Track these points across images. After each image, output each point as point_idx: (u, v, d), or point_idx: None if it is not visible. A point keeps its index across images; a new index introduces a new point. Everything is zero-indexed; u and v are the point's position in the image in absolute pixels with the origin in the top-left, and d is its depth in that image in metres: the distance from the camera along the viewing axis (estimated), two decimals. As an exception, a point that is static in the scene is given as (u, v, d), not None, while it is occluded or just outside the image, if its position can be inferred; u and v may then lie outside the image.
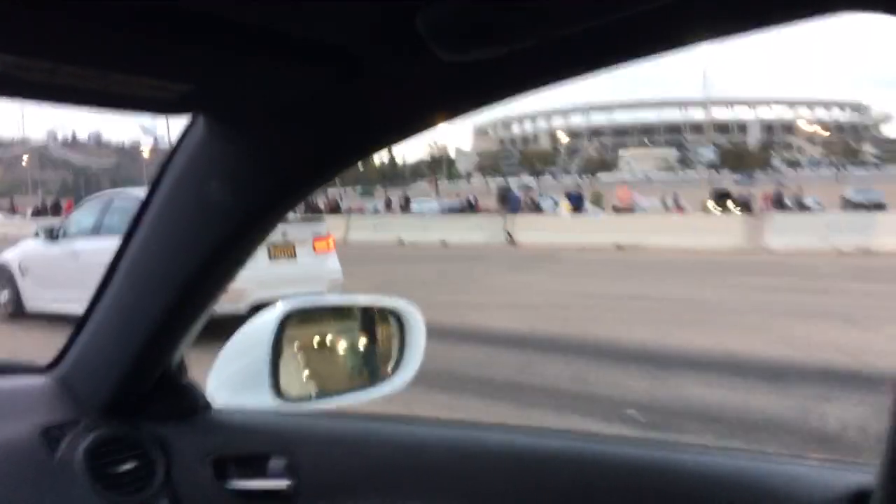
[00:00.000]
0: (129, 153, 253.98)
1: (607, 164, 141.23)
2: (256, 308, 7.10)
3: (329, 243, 9.51)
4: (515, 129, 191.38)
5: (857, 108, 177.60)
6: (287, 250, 8.96)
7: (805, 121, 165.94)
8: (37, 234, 10.32)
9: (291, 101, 0.92)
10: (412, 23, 0.68)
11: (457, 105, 0.91)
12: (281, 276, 8.58)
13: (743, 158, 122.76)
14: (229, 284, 1.21)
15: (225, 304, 5.93)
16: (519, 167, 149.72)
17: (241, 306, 7.92)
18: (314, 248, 9.26)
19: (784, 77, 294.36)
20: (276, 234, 8.67)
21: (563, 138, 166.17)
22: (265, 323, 1.36)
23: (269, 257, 8.75)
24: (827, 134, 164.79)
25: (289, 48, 0.77)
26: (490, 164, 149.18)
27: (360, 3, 0.71)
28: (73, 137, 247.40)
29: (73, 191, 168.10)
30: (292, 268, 8.95)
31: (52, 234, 9.95)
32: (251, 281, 8.26)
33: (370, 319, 1.52)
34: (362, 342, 1.52)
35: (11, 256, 10.57)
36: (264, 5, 0.69)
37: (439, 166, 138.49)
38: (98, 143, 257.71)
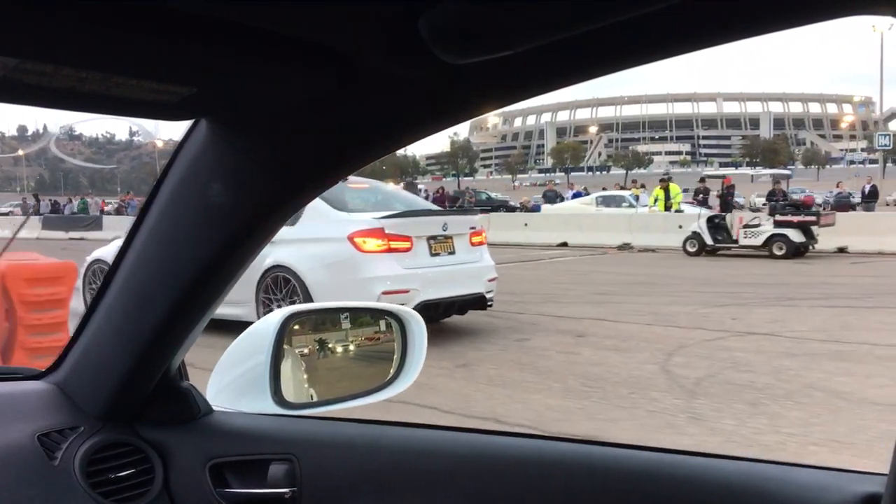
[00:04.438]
0: (104, 147, 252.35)
1: (639, 160, 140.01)
2: (424, 310, 5.92)
3: (484, 237, 9.05)
4: (517, 124, 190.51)
5: (867, 104, 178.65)
6: (447, 244, 8.47)
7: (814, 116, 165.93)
8: None
9: (294, 104, 0.93)
10: (414, 26, 0.70)
11: (460, 108, 0.91)
12: (443, 274, 8.26)
13: (777, 153, 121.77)
14: (230, 288, 1.21)
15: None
16: (522, 164, 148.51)
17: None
18: (471, 242, 8.76)
19: (792, 72, 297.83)
20: (437, 227, 8.36)
21: (593, 129, 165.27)
22: (266, 327, 1.38)
23: (430, 253, 8.28)
24: (844, 125, 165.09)
25: (291, 51, 0.79)
26: (515, 160, 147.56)
27: (362, 7, 0.72)
28: (45, 130, 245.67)
29: (51, 187, 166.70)
30: (453, 264, 8.46)
31: None
32: (416, 280, 7.94)
33: (372, 324, 1.54)
34: (364, 347, 1.53)
35: (106, 253, 10.09)
36: (266, 9, 0.70)
37: (456, 161, 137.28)
38: (70, 138, 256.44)
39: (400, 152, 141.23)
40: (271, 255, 8.32)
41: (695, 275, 14.98)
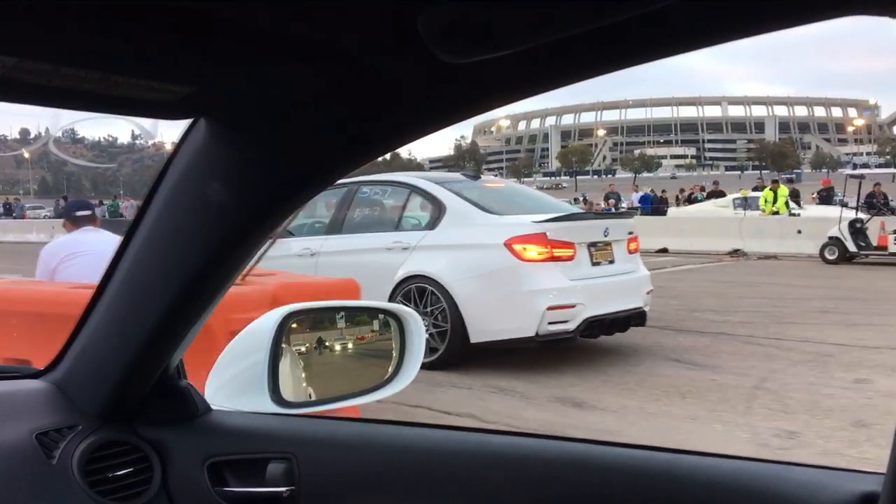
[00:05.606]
0: (106, 151, 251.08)
1: (647, 164, 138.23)
2: (589, 328, 6.87)
3: (638, 244, 8.03)
4: (521, 127, 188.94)
5: (870, 107, 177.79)
6: (606, 252, 7.41)
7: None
8: None
9: (293, 103, 0.92)
10: (413, 25, 0.70)
11: (459, 108, 0.91)
12: (606, 286, 7.22)
13: (786, 156, 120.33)
14: (229, 286, 1.21)
15: (553, 324, 6.47)
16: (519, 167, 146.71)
17: (570, 325, 6.82)
18: (628, 249, 7.71)
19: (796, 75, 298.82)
20: (598, 232, 7.36)
21: (601, 132, 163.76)
22: (264, 325, 1.37)
23: (591, 261, 7.22)
24: (851, 129, 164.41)
25: (290, 51, 0.79)
26: (522, 163, 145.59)
27: (361, 6, 0.72)
28: (47, 134, 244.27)
29: (54, 189, 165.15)
30: (613, 275, 7.39)
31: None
32: (582, 293, 6.91)
33: (370, 323, 1.53)
34: (361, 345, 1.52)
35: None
36: (265, 7, 0.70)
37: (462, 164, 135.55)
38: (72, 141, 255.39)
39: (403, 155, 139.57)
40: (406, 263, 7.28)
41: (887, 287, 12.88)
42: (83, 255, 4.70)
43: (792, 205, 21.46)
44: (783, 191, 21.78)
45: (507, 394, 6.21)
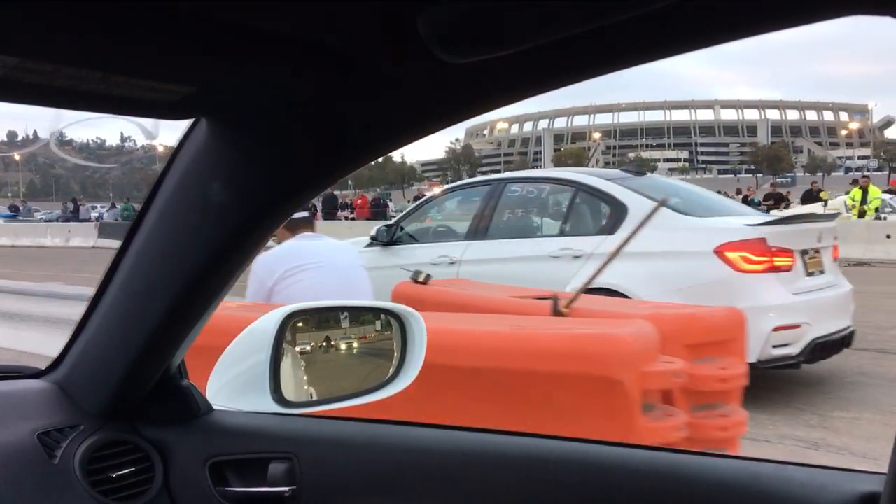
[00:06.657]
0: (94, 153, 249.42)
1: (645, 167, 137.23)
2: (813, 351, 5.59)
3: (838, 251, 6.89)
4: (514, 130, 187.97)
5: (862, 111, 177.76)
6: (817, 261, 6.30)
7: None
8: (374, 240, 7.34)
9: (293, 103, 0.92)
10: (413, 25, 0.70)
11: (459, 108, 0.91)
12: (825, 301, 6.14)
13: (781, 160, 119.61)
14: (230, 287, 1.20)
15: (777, 348, 5.31)
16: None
17: (795, 349, 5.73)
18: (833, 258, 6.65)
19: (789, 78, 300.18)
20: (812, 238, 6.29)
21: (597, 135, 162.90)
22: (266, 326, 1.36)
23: (806, 272, 6.11)
24: (844, 133, 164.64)
25: (291, 51, 0.79)
26: (518, 166, 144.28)
27: (361, 6, 0.73)
28: (35, 136, 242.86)
29: (42, 192, 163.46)
30: (825, 287, 6.27)
31: (386, 239, 7.29)
32: (806, 310, 5.82)
33: (371, 323, 1.52)
34: (363, 345, 1.52)
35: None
36: (265, 8, 0.71)
37: (457, 167, 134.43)
38: (60, 142, 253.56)
39: (396, 158, 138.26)
40: (580, 274, 5.86)
41: None
42: (309, 268, 3.71)
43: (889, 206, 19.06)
44: (875, 191, 19.47)
45: (827, 451, 4.83)
